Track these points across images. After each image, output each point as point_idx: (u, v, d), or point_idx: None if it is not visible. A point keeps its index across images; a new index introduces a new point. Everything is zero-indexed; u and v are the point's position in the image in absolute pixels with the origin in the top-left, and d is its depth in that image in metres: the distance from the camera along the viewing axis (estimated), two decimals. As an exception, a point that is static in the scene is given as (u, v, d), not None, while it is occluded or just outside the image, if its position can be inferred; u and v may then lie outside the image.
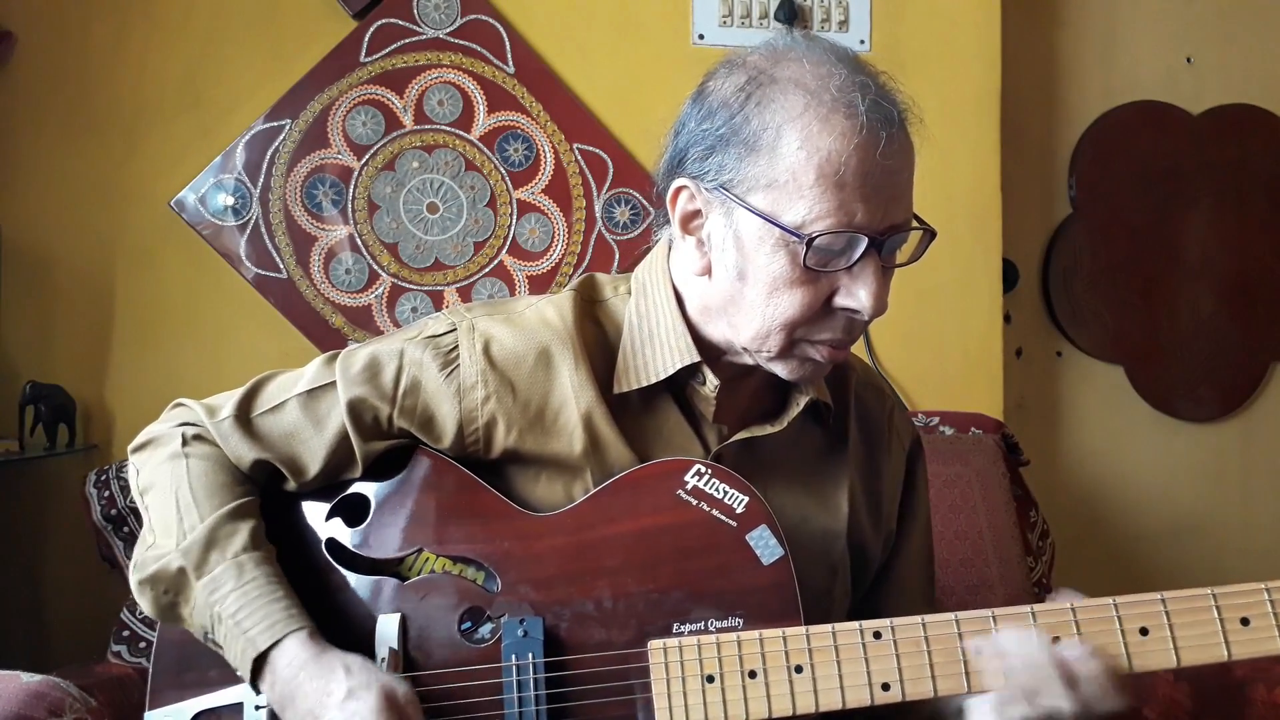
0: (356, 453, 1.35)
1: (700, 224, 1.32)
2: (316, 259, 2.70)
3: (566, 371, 1.36)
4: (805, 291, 1.26)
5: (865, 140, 1.22)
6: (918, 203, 1.32)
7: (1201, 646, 1.24)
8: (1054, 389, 3.23)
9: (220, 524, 1.29)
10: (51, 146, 2.65)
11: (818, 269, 1.25)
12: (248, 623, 1.25)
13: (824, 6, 2.80)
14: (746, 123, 1.26)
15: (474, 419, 1.35)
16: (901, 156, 1.26)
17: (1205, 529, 3.25)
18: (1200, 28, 3.24)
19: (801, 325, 1.28)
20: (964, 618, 1.25)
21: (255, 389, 1.40)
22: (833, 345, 1.31)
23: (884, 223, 1.25)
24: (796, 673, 1.23)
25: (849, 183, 1.22)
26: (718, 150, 1.27)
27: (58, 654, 2.53)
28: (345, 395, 1.35)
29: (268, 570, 1.28)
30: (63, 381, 2.56)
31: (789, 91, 1.25)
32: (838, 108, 1.23)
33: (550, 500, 1.36)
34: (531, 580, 1.30)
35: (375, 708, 1.19)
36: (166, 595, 1.30)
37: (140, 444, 1.41)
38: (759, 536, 1.28)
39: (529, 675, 1.26)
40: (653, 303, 1.40)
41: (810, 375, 1.35)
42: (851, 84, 1.24)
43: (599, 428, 1.35)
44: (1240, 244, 3.26)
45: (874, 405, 1.55)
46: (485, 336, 1.37)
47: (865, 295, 1.26)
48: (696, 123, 1.31)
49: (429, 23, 2.72)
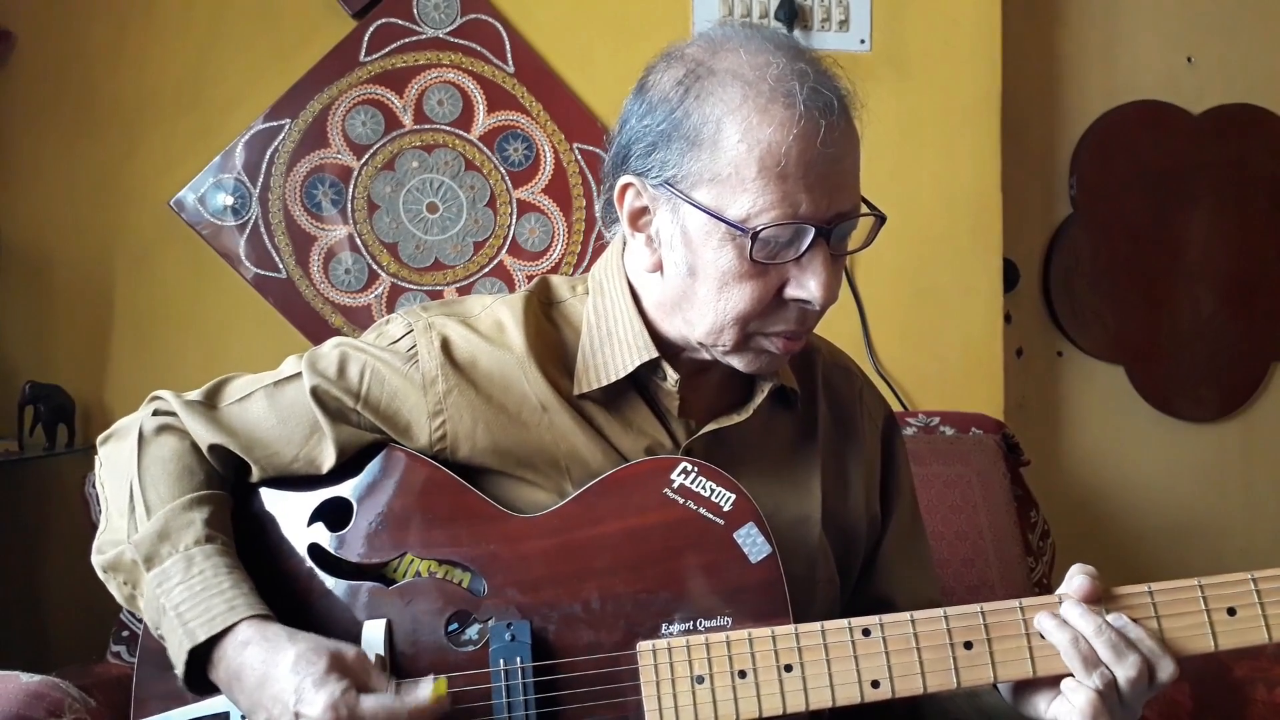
0: (328, 437, 1.34)
1: (648, 220, 1.32)
2: (316, 259, 2.70)
3: (522, 375, 1.36)
4: (755, 285, 1.26)
5: (805, 129, 1.21)
6: (918, 202, 1.32)
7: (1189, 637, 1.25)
8: (1054, 389, 3.23)
9: (174, 515, 1.27)
10: (51, 146, 2.66)
11: (765, 261, 1.25)
12: (189, 614, 1.22)
13: (824, 6, 2.80)
14: (687, 117, 1.25)
15: (440, 411, 1.34)
16: (844, 143, 1.26)
17: (1206, 529, 3.25)
18: (1200, 28, 3.23)
19: (754, 318, 1.28)
20: (953, 613, 1.25)
21: (223, 383, 1.40)
22: (787, 336, 1.31)
23: (829, 211, 1.24)
24: (786, 672, 1.23)
25: (791, 173, 1.22)
26: (660, 146, 1.27)
27: (57, 654, 2.53)
28: (309, 383, 1.34)
29: (218, 562, 1.25)
30: (62, 381, 2.57)
31: (727, 83, 1.25)
32: (776, 97, 1.22)
33: (528, 505, 1.35)
34: (518, 583, 1.29)
35: (325, 669, 1.17)
36: (126, 586, 1.30)
37: (106, 436, 1.41)
38: (746, 534, 1.27)
39: (518, 680, 1.25)
40: (610, 301, 1.40)
41: (767, 367, 1.35)
42: (790, 72, 1.24)
43: (562, 425, 1.35)
44: (1240, 244, 3.25)
45: (843, 386, 1.54)
46: (442, 335, 1.37)
47: (815, 285, 1.25)
48: (638, 119, 1.30)
49: (429, 22, 2.72)
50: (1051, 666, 1.24)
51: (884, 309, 2.81)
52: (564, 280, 1.48)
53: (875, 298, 2.81)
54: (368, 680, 1.20)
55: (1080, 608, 1.24)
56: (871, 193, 1.31)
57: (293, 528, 1.36)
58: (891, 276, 2.81)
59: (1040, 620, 1.25)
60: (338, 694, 1.16)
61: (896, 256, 2.80)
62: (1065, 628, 1.23)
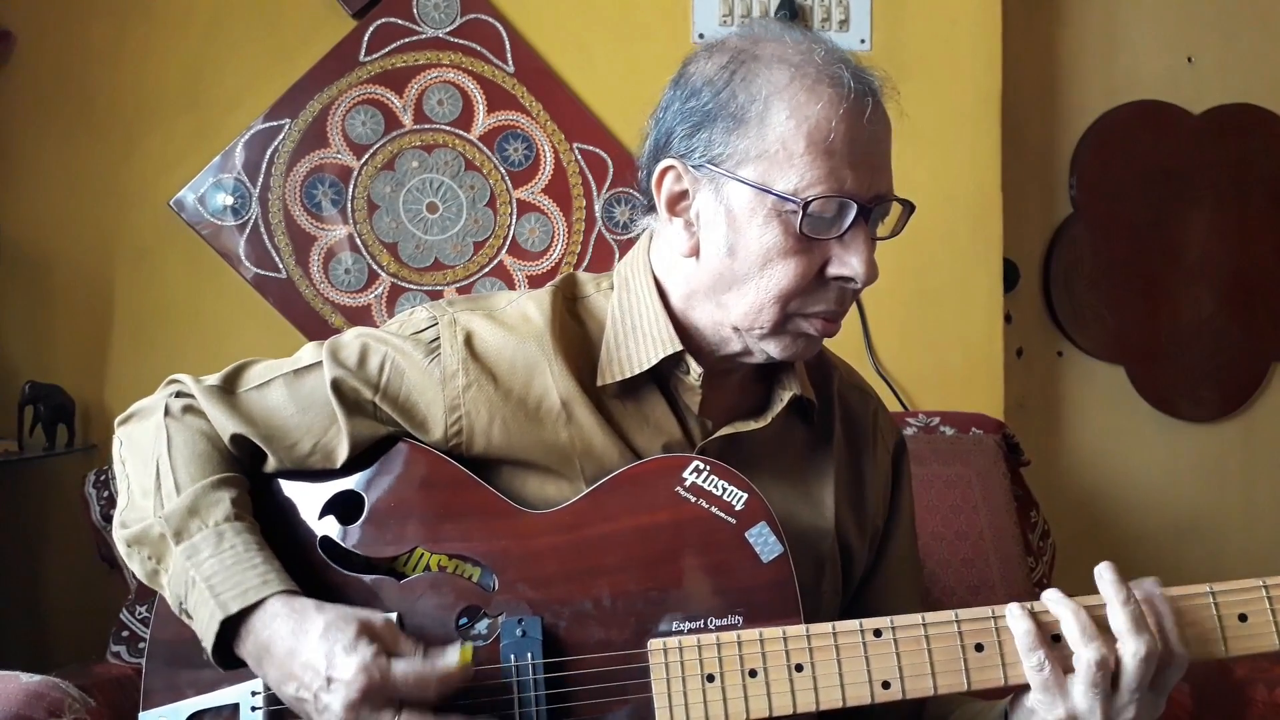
0: (343, 430, 1.34)
1: (688, 204, 1.33)
2: (316, 259, 2.70)
3: (546, 366, 1.35)
4: (799, 261, 1.27)
5: (852, 107, 1.24)
6: (918, 201, 1.32)
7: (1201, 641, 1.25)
8: (1055, 389, 3.23)
9: (204, 492, 1.28)
10: (51, 146, 2.66)
11: (811, 236, 1.26)
12: (221, 587, 1.23)
13: (824, 6, 2.80)
14: (733, 97, 1.27)
15: (457, 407, 1.34)
16: (884, 125, 1.30)
17: (1206, 529, 3.25)
18: (1200, 28, 3.24)
19: (796, 296, 1.29)
20: (964, 616, 1.25)
21: (241, 368, 1.40)
22: (825, 317, 1.31)
23: (871, 190, 1.27)
24: (797, 671, 1.23)
25: (838, 149, 1.24)
26: (704, 126, 1.29)
27: (57, 654, 2.53)
28: (330, 375, 1.34)
29: (249, 539, 1.26)
30: (62, 381, 2.57)
31: (773, 66, 1.27)
32: (822, 78, 1.25)
33: (540, 500, 1.35)
34: (529, 579, 1.29)
35: (355, 634, 1.18)
36: (151, 560, 1.29)
37: (127, 415, 1.41)
38: (758, 534, 1.27)
39: (529, 675, 1.25)
40: (635, 295, 1.40)
41: (804, 351, 1.35)
42: (833, 57, 1.28)
43: (582, 419, 1.35)
44: (1241, 244, 3.25)
45: (858, 406, 1.55)
46: (466, 329, 1.37)
47: (858, 262, 1.27)
48: (681, 103, 1.32)
49: (429, 22, 2.72)
50: None
51: (884, 309, 2.81)
52: (589, 276, 1.48)
53: (875, 298, 2.79)
54: (396, 645, 1.21)
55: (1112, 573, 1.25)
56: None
57: (304, 520, 1.36)
58: (891, 276, 2.77)
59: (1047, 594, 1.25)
60: (369, 658, 1.17)
61: (896, 256, 2.77)
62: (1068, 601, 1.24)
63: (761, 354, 1.35)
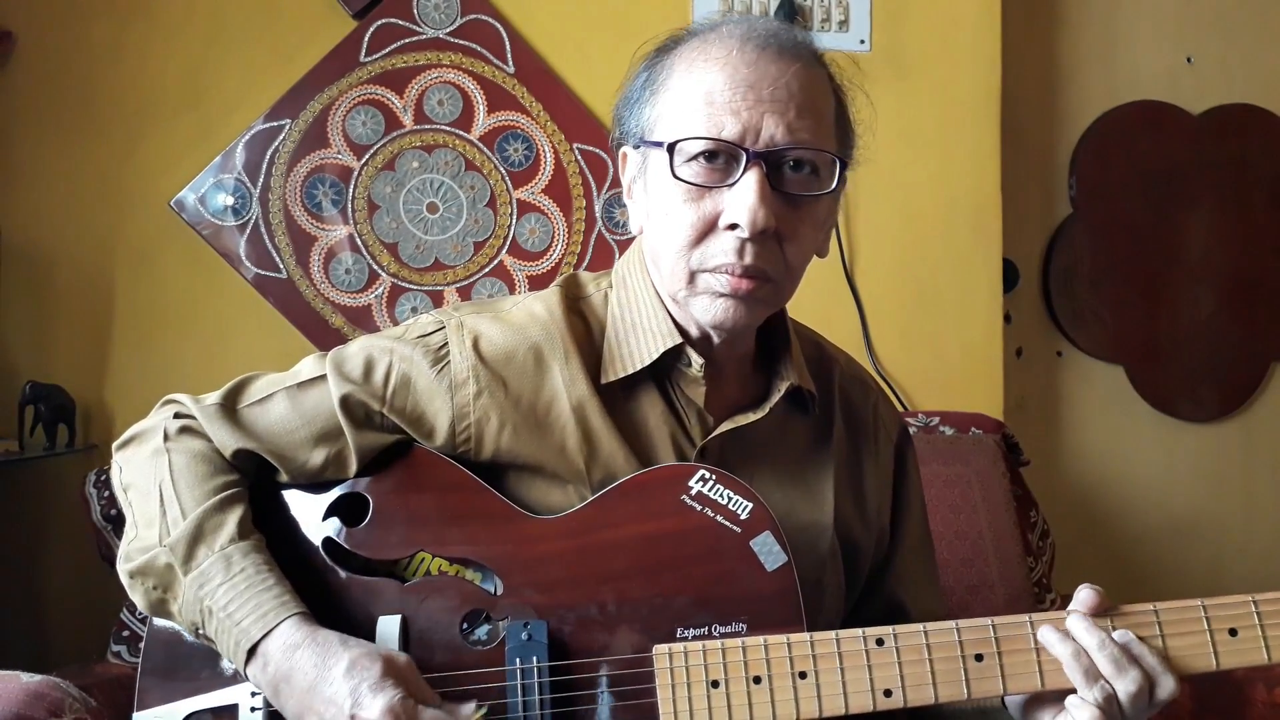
0: (350, 444, 1.34)
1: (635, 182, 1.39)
2: (316, 259, 2.69)
3: (557, 366, 1.36)
4: (688, 209, 1.29)
5: (736, 59, 1.28)
6: (918, 203, 1.32)
7: (1192, 656, 1.26)
8: (1054, 389, 3.23)
9: (206, 517, 1.28)
10: (51, 146, 2.65)
11: (692, 182, 1.28)
12: (239, 614, 1.23)
13: (824, 6, 2.80)
14: (653, 74, 1.34)
15: (466, 415, 1.34)
16: (795, 78, 1.28)
17: (1205, 529, 3.26)
18: (1200, 28, 3.25)
19: (692, 247, 1.30)
20: (964, 625, 1.26)
21: (242, 384, 1.40)
22: (727, 270, 1.29)
23: (760, 138, 1.27)
24: (800, 678, 1.23)
25: (718, 100, 1.27)
26: (636, 107, 1.36)
27: (57, 654, 2.53)
28: (337, 391, 1.34)
29: (256, 560, 1.27)
30: (62, 381, 2.56)
31: (688, 40, 1.34)
32: (717, 40, 1.31)
33: (545, 505, 1.35)
34: (535, 583, 1.29)
35: (380, 674, 1.18)
36: (156, 590, 1.29)
37: (124, 440, 1.40)
38: (763, 543, 1.28)
39: (534, 679, 1.26)
40: (632, 292, 1.41)
41: (728, 316, 1.32)
42: (745, 25, 1.32)
43: (591, 420, 1.35)
44: (1240, 244, 3.26)
45: (858, 398, 1.55)
46: (474, 333, 1.37)
47: (740, 207, 1.26)
48: (624, 91, 1.39)
49: (429, 22, 2.71)
50: (1059, 681, 1.25)
51: (884, 309, 2.81)
52: (590, 276, 1.49)
53: (875, 298, 2.81)
54: (419, 688, 1.21)
55: (1086, 622, 1.25)
56: (872, 193, 1.32)
57: (308, 522, 1.36)
58: (891, 277, 2.81)
59: (1044, 633, 1.26)
60: (395, 700, 1.17)
61: (896, 257, 2.80)
62: (1068, 641, 1.25)
63: (694, 325, 1.36)
